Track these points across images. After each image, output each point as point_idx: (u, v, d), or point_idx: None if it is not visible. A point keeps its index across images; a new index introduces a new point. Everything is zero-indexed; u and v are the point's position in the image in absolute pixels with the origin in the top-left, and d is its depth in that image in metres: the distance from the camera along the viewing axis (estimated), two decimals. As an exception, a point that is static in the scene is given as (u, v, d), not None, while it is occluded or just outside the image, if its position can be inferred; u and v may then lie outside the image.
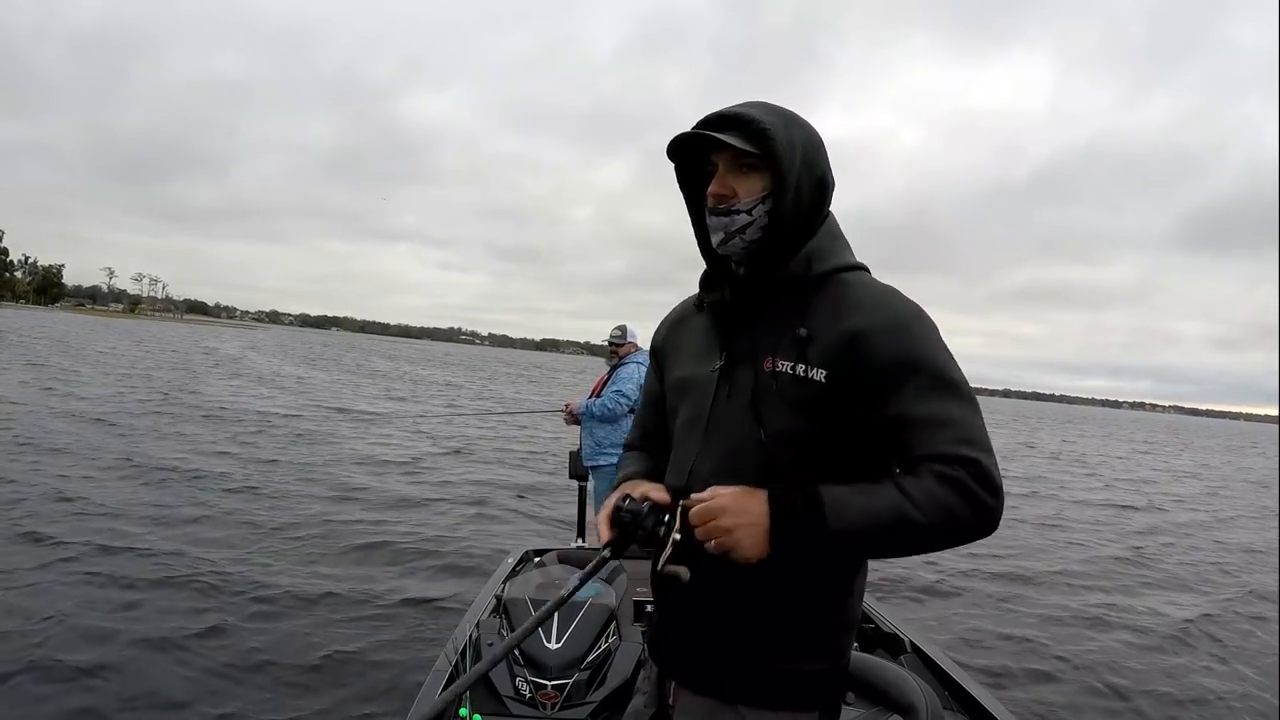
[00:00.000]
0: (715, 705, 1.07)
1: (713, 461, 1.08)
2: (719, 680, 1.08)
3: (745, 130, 1.02)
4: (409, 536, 6.01)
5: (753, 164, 1.04)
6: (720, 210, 1.06)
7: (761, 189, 1.04)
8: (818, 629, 1.06)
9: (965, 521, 0.93)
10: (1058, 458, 21.42)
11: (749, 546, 0.94)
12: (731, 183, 1.05)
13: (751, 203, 1.05)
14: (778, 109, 1.06)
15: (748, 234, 1.06)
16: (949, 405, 0.96)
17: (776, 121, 1.03)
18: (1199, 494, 15.49)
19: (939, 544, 0.95)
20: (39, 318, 65.19)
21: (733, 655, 1.07)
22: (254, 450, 9.49)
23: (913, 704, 1.69)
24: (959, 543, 0.95)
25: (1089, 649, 4.86)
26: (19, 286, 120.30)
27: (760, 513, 0.95)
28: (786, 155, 1.02)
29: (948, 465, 0.93)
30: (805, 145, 1.05)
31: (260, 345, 53.08)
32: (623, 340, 4.50)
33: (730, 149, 1.03)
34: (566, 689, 2.34)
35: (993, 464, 0.95)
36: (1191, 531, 10.21)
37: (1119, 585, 6.79)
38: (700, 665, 1.10)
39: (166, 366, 23.56)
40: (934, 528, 0.92)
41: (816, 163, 1.06)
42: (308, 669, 3.45)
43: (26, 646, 3.38)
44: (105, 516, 5.66)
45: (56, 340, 32.19)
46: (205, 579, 4.47)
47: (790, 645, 1.05)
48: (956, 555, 7.13)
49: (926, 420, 0.95)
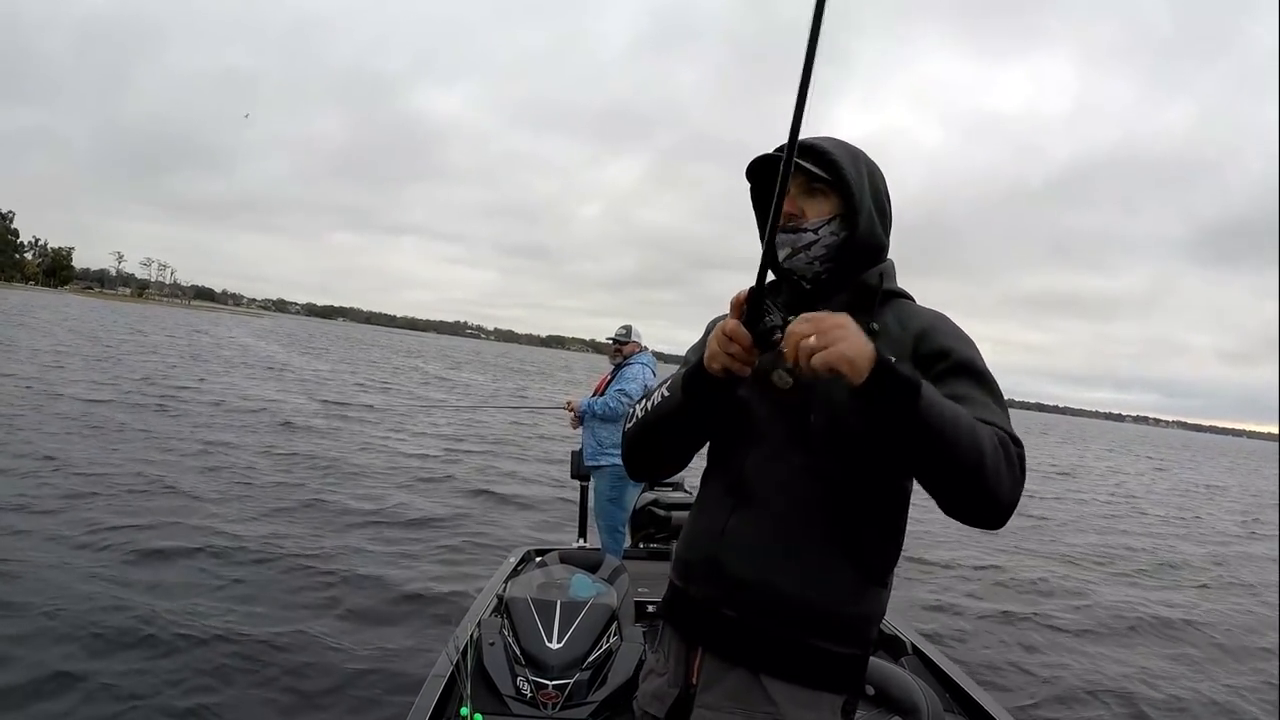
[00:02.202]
0: (744, 675, 1.09)
1: (761, 448, 1.13)
2: (749, 649, 1.09)
3: (817, 159, 1.14)
4: (409, 536, 6.02)
5: (821, 189, 1.15)
6: (789, 229, 1.15)
7: (828, 212, 1.15)
8: (857, 612, 1.10)
9: (1004, 479, 0.97)
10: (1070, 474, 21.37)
11: (854, 350, 0.90)
12: (801, 204, 1.15)
13: (818, 223, 1.15)
14: (842, 143, 1.18)
15: (812, 251, 1.16)
16: (999, 405, 1.06)
17: (844, 154, 1.15)
18: (1176, 494, 15.45)
19: (983, 483, 0.96)
20: (47, 299, 65.46)
21: (767, 624, 1.09)
22: (254, 445, 9.52)
23: (914, 705, 1.70)
24: (990, 500, 0.98)
25: (1090, 651, 4.86)
26: (29, 268, 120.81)
27: (870, 345, 0.93)
28: (856, 182, 1.14)
29: (1000, 430, 1.01)
30: (873, 178, 1.17)
31: (275, 332, 53.12)
32: (627, 339, 4.49)
33: (802, 173, 1.13)
34: (568, 689, 2.35)
35: (1026, 460, 1.02)
36: (1189, 533, 10.20)
37: (1119, 585, 6.77)
38: (731, 632, 1.11)
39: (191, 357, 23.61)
40: (986, 463, 0.96)
41: (882, 197, 1.19)
42: (307, 670, 3.44)
43: (27, 645, 3.39)
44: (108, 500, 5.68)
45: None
46: (205, 579, 4.48)
47: (829, 623, 1.08)
48: (956, 555, 7.14)
49: (984, 403, 1.04)
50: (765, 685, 1.07)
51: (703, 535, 1.17)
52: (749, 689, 1.08)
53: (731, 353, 0.99)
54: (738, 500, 1.13)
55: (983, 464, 0.95)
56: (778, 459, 1.11)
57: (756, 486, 1.12)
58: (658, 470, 1.30)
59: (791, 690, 1.07)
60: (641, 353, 4.46)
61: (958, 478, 0.97)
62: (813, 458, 1.08)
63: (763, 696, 1.07)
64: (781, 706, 1.06)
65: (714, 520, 1.15)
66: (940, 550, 7.56)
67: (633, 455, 1.26)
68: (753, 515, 1.11)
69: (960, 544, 7.91)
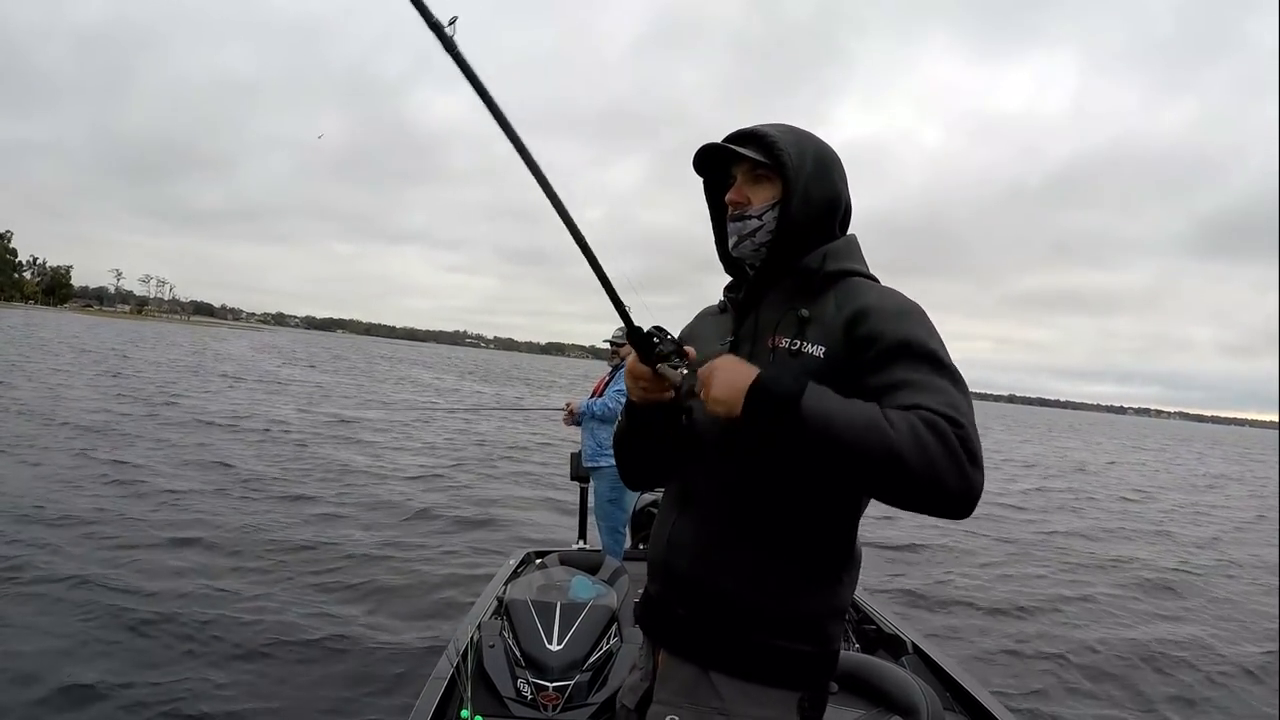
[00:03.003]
0: (694, 671, 1.11)
1: (702, 456, 1.16)
2: (697, 646, 1.12)
3: (760, 144, 1.14)
4: (409, 538, 6.02)
5: (765, 175, 1.15)
6: (736, 216, 1.18)
7: (772, 197, 1.16)
8: (801, 609, 1.09)
9: (937, 467, 0.91)
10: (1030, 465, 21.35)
11: (723, 392, 0.98)
12: (746, 191, 1.17)
13: (762, 209, 1.16)
14: (793, 129, 1.18)
15: (757, 237, 1.17)
16: (940, 381, 0.99)
17: (787, 137, 1.15)
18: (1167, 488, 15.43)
19: (907, 478, 0.91)
20: (47, 318, 65.55)
21: (712, 621, 1.11)
22: (253, 453, 9.51)
23: (914, 705, 1.69)
24: (931, 494, 0.92)
25: (1090, 652, 4.84)
26: (28, 287, 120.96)
27: (747, 372, 0.99)
28: (794, 164, 1.13)
29: (932, 414, 0.94)
30: (816, 159, 1.15)
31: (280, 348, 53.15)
32: (623, 341, 4.50)
33: (746, 161, 1.14)
34: (568, 691, 2.34)
35: (975, 436, 0.95)
36: (1191, 531, 10.17)
37: (1122, 587, 6.75)
38: (681, 629, 1.14)
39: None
40: (904, 456, 0.90)
41: (828, 176, 1.16)
42: (308, 670, 3.45)
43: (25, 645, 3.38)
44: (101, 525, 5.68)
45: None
46: (205, 579, 4.48)
47: (770, 620, 1.09)
48: (958, 556, 7.12)
49: (918, 385, 0.98)
50: (715, 681, 1.09)
51: (656, 538, 1.23)
52: (698, 684, 1.10)
53: (642, 386, 1.11)
54: (682, 505, 1.18)
55: (898, 459, 0.91)
56: (714, 465, 1.14)
57: (696, 492, 1.17)
58: (644, 479, 1.35)
59: (739, 686, 1.08)
60: (638, 354, 4.47)
61: (871, 477, 0.94)
62: (743, 463, 1.10)
63: (712, 692, 1.08)
64: (729, 702, 1.07)
65: (664, 524, 1.21)
66: (941, 544, 7.56)
67: (619, 465, 1.35)
68: (694, 518, 1.16)
69: (968, 534, 7.90)
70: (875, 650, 2.82)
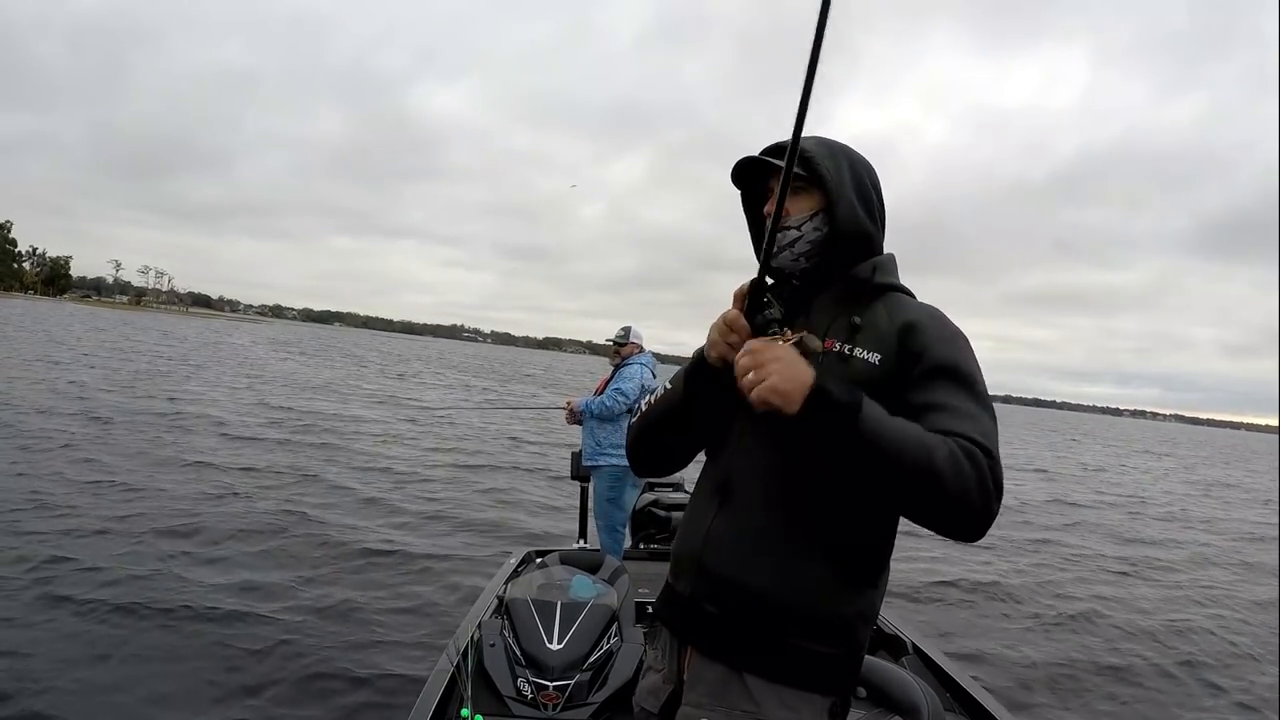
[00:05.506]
0: (724, 672, 1.09)
1: (755, 434, 1.12)
2: (729, 646, 1.09)
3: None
4: (409, 537, 6.01)
5: (802, 187, 1.16)
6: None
7: (809, 208, 1.16)
8: (837, 612, 1.08)
9: (970, 494, 0.95)
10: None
11: (786, 385, 0.95)
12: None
13: (800, 220, 1.16)
14: (827, 140, 1.20)
15: (796, 248, 1.17)
16: (977, 409, 1.04)
17: (823, 150, 1.16)
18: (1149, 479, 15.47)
19: (942, 499, 0.95)
20: (45, 308, 65.38)
21: (745, 621, 1.09)
22: (252, 447, 9.51)
23: (915, 705, 1.69)
24: (954, 515, 0.96)
25: (1090, 653, 4.86)
26: (27, 278, 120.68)
27: (808, 370, 0.98)
28: (834, 176, 1.14)
29: (970, 443, 0.98)
30: (855, 171, 1.17)
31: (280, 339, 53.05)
32: (625, 340, 4.50)
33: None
34: (568, 690, 2.34)
35: (1000, 469, 0.99)
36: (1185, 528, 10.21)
37: (1120, 587, 6.77)
38: (712, 628, 1.11)
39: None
40: (943, 479, 0.94)
41: (867, 188, 1.18)
42: (308, 670, 3.44)
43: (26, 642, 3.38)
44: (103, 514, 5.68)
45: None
46: (203, 580, 4.47)
47: (806, 622, 1.07)
48: (960, 558, 7.13)
49: (957, 411, 1.02)
50: (747, 683, 1.07)
51: (690, 533, 1.19)
52: (730, 686, 1.08)
53: (730, 342, 1.04)
54: (722, 499, 1.15)
55: (937, 481, 0.94)
56: (759, 459, 1.11)
57: (738, 486, 1.13)
58: (659, 465, 1.31)
59: (775, 690, 1.06)
60: (640, 354, 4.48)
61: (910, 494, 0.97)
62: (792, 459, 1.08)
63: (744, 694, 1.07)
64: (763, 706, 1.05)
65: (700, 518, 1.17)
66: (941, 544, 7.57)
67: (636, 449, 1.29)
68: (734, 514, 1.13)
69: (972, 546, 7.90)
70: (875, 650, 2.83)
